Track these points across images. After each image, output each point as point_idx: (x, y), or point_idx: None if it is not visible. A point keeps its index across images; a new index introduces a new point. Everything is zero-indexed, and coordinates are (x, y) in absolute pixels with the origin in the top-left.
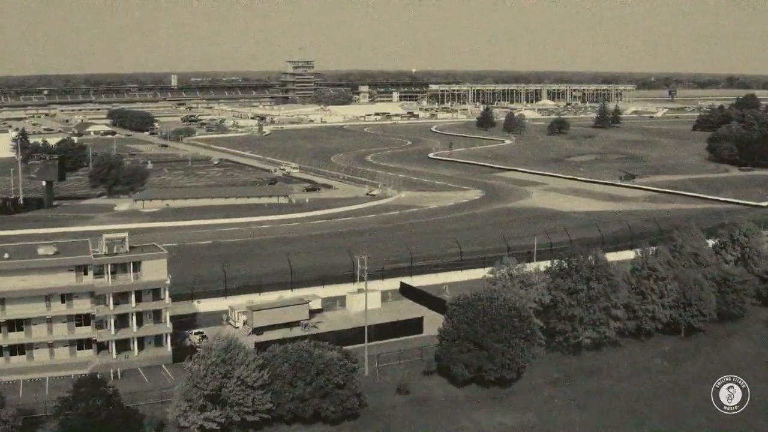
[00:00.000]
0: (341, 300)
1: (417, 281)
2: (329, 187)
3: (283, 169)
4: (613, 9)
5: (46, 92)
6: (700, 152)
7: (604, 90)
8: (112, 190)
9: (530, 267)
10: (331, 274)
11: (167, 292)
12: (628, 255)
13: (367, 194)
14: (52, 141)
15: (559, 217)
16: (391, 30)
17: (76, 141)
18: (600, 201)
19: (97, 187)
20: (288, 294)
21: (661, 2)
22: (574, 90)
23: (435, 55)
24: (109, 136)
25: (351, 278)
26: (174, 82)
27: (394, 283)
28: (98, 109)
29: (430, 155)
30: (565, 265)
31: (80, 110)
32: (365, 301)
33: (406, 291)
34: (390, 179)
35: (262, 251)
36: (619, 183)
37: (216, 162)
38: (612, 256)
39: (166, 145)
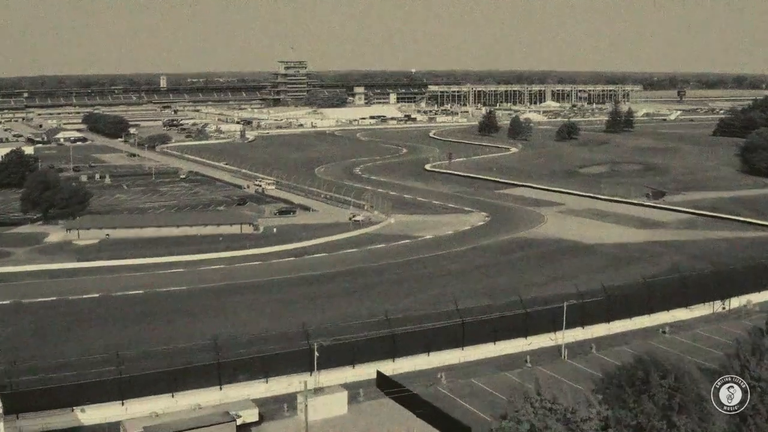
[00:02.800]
0: (291, 401)
1: (402, 366)
2: (307, 209)
3: (259, 185)
4: (614, 7)
5: (26, 94)
6: (730, 162)
7: (610, 91)
8: (48, 215)
9: (558, 337)
10: (281, 351)
11: None
12: (683, 314)
13: (350, 219)
14: (2, 151)
15: (583, 251)
16: (391, 28)
17: (32, 151)
18: (630, 228)
19: (30, 211)
20: (213, 394)
21: (662, 0)
22: (580, 91)
23: (435, 54)
24: (79, 143)
25: (308, 358)
26: (163, 83)
27: (369, 370)
28: (78, 113)
29: (427, 167)
30: (626, 380)
31: (59, 114)
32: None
33: (386, 385)
34: (378, 199)
35: (201, 309)
36: (647, 203)
37: (183, 176)
38: (663, 317)
39: (135, 155)
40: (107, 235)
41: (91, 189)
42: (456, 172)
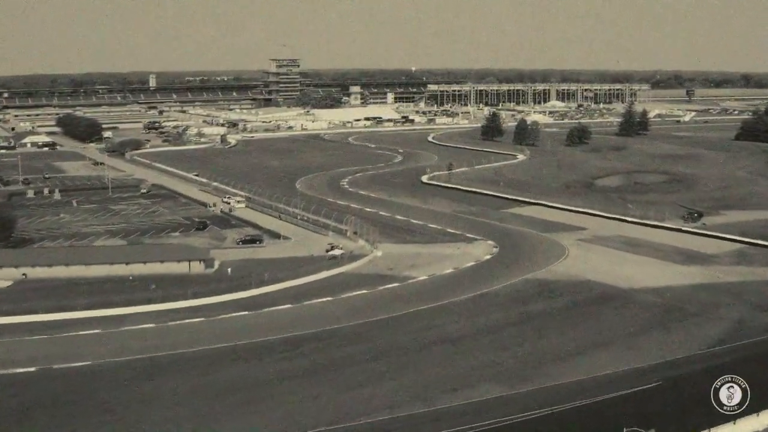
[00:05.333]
0: None
1: None
2: (277, 236)
3: (227, 202)
4: (615, 4)
5: (5, 94)
6: (764, 172)
7: (617, 90)
8: None
9: None
10: None
11: None
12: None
13: (327, 252)
14: None
15: (620, 300)
16: (391, 25)
17: None
18: (671, 263)
19: None
20: None
21: None
22: (586, 90)
23: (435, 51)
24: (47, 148)
25: None
26: (153, 82)
27: None
28: (57, 114)
29: (424, 179)
30: None
31: (38, 115)
32: None
33: None
34: (363, 225)
35: (93, 405)
36: (685, 227)
37: (144, 190)
38: (751, 424)
39: (100, 163)
40: (24, 275)
41: (36, 207)
42: (457, 186)
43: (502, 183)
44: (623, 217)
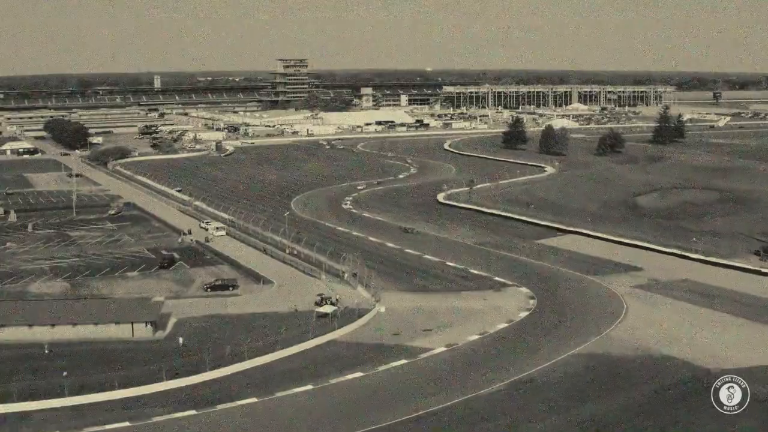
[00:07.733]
0: None
1: None
2: (258, 278)
3: (206, 228)
4: (630, 4)
5: (0, 96)
6: None
7: (642, 92)
8: None
9: None
10: None
11: None
12: None
13: (317, 305)
14: None
15: (708, 393)
16: (405, 24)
17: None
18: (761, 325)
19: None
20: None
21: None
22: (609, 92)
23: (451, 51)
24: (27, 156)
25: None
26: (157, 83)
27: None
28: (52, 117)
29: (441, 197)
30: None
31: (31, 118)
32: None
33: None
34: (364, 264)
35: None
36: (765, 268)
37: (113, 211)
38: None
39: (78, 174)
40: None
41: None
42: (480, 208)
43: (532, 205)
44: (684, 253)
